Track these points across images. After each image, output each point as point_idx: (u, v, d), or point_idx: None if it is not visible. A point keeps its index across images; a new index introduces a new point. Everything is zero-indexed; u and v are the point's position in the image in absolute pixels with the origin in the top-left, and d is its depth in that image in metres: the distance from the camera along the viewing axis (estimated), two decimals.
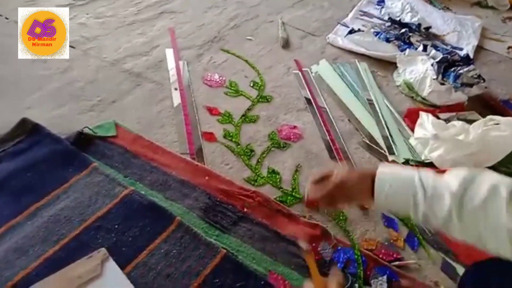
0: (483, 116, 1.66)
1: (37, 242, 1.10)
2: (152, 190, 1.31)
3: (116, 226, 1.16)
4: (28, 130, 1.39)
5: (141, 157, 1.41)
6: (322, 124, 1.68)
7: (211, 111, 1.66)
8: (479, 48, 2.37)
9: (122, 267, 1.06)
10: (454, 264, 1.26)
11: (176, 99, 1.68)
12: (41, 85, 1.64)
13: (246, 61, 1.97)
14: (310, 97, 1.81)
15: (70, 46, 1.85)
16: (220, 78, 1.83)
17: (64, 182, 1.26)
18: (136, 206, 1.22)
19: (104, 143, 1.43)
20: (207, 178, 1.37)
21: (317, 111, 1.74)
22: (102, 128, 1.47)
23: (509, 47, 2.42)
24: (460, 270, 1.24)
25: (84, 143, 1.41)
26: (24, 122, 1.41)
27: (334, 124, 1.69)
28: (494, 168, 1.50)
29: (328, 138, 1.62)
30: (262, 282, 1.09)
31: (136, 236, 1.15)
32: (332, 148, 1.58)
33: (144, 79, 1.76)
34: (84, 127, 1.43)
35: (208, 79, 1.82)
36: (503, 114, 1.75)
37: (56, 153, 1.33)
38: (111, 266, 1.04)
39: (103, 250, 1.06)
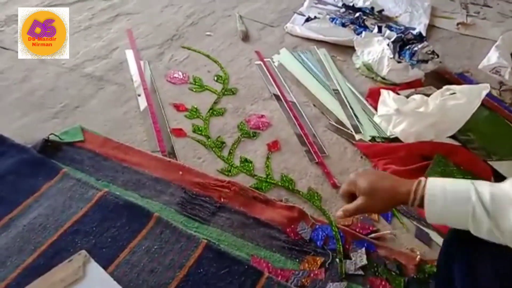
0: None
1: (13, 253, 1.07)
2: (127, 190, 1.30)
3: (94, 229, 1.15)
4: None
5: (112, 159, 1.40)
6: (289, 111, 1.71)
7: (178, 107, 1.66)
8: (430, 27, 2.46)
9: (104, 267, 1.05)
10: (427, 230, 1.31)
11: (141, 98, 1.67)
12: (0, 97, 1.60)
13: (208, 56, 1.98)
14: (274, 85, 1.83)
15: None
16: (183, 74, 1.83)
17: (35, 191, 1.23)
18: (112, 207, 1.21)
19: (72, 148, 1.41)
20: (181, 173, 1.37)
21: (282, 99, 1.77)
22: (68, 134, 1.45)
23: (458, 23, 2.53)
24: (433, 235, 1.29)
25: (52, 150, 1.38)
26: None
27: (301, 110, 1.73)
28: (455, 137, 1.57)
29: (296, 123, 1.65)
30: (246, 267, 1.11)
31: (115, 236, 1.14)
32: (301, 133, 1.61)
33: (106, 82, 1.74)
34: (50, 134, 1.40)
35: (172, 76, 1.81)
36: None
37: (24, 163, 1.30)
38: (93, 267, 1.03)
39: (83, 252, 1.05)
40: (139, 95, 1.69)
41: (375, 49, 1.98)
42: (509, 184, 0.72)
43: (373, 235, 1.27)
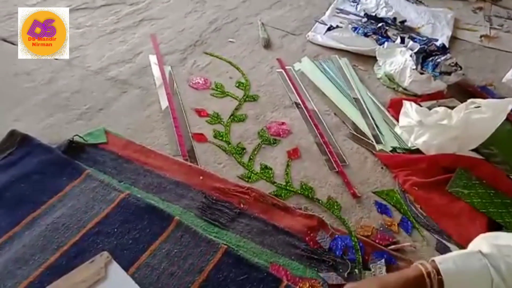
0: (463, 102, 1.71)
1: (37, 251, 1.09)
2: (148, 193, 1.32)
3: (115, 230, 1.16)
4: (18, 142, 1.38)
5: (134, 162, 1.41)
6: (309, 119, 1.71)
7: (199, 112, 1.67)
8: (453, 39, 2.45)
9: (125, 269, 1.06)
10: (447, 244, 1.30)
11: (164, 103, 1.69)
12: (27, 97, 1.63)
13: (230, 62, 2.00)
14: (295, 93, 1.84)
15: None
16: (205, 80, 1.85)
17: (59, 191, 1.26)
18: (133, 209, 1.22)
19: (96, 150, 1.43)
20: (201, 177, 1.38)
21: (303, 107, 1.77)
22: (92, 136, 1.47)
23: (481, 36, 2.51)
24: (454, 249, 1.28)
25: (76, 151, 1.40)
26: (13, 134, 1.39)
27: (321, 118, 1.73)
28: (477, 150, 1.55)
29: (316, 132, 1.65)
30: (265, 274, 1.11)
31: (136, 238, 1.15)
32: (321, 142, 1.61)
33: (130, 86, 1.76)
34: (74, 135, 1.43)
35: (194, 82, 1.83)
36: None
37: (48, 163, 1.33)
38: (115, 268, 1.04)
39: (105, 253, 1.06)
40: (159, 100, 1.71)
41: (398, 60, 1.97)
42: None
43: (392, 246, 1.26)
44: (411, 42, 2.10)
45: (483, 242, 0.80)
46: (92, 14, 2.22)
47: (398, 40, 2.17)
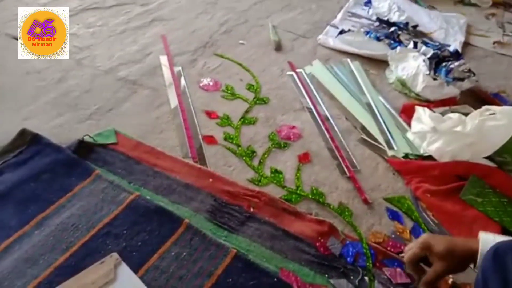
0: (475, 109, 1.69)
1: (46, 251, 1.08)
2: (157, 194, 1.31)
3: (125, 232, 1.15)
4: (28, 141, 1.37)
5: (144, 163, 1.40)
6: (320, 123, 1.69)
7: (210, 114, 1.66)
8: (465, 44, 2.42)
9: (134, 271, 1.05)
10: None
11: (174, 104, 1.68)
12: (37, 96, 1.63)
13: (240, 64, 1.98)
14: (306, 96, 1.82)
15: None
16: (216, 82, 1.84)
17: (69, 191, 1.25)
18: (143, 211, 1.21)
19: (105, 150, 1.42)
20: (211, 180, 1.37)
21: (314, 111, 1.75)
22: (102, 136, 1.47)
23: (494, 42, 2.48)
24: None
25: (85, 151, 1.40)
26: (23, 133, 1.39)
27: (332, 122, 1.71)
28: (490, 158, 1.53)
29: (327, 136, 1.63)
30: (275, 279, 1.09)
31: (145, 241, 1.14)
32: (332, 146, 1.59)
33: (140, 86, 1.76)
34: (85, 135, 1.42)
35: (204, 83, 1.82)
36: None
37: (58, 162, 1.32)
38: (124, 270, 1.03)
39: (115, 255, 1.05)
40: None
41: (410, 65, 1.95)
42: None
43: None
44: (424, 47, 2.08)
45: None
46: (103, 14, 2.22)
47: (411, 45, 2.15)
